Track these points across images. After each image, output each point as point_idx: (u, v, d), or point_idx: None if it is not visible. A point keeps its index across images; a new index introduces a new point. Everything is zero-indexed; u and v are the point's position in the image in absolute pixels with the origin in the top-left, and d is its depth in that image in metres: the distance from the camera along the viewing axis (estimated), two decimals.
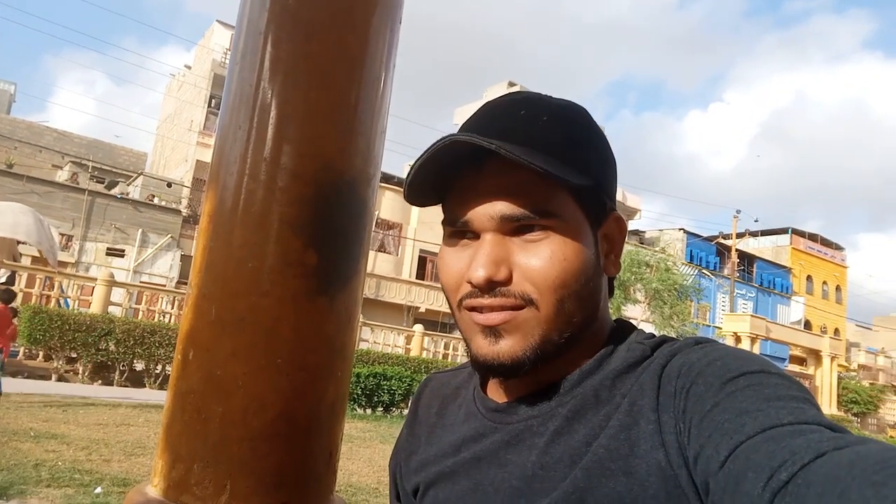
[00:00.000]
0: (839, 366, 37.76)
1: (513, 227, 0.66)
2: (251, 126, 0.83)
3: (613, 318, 0.76)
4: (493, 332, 0.66)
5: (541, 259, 0.65)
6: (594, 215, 0.69)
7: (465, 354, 0.71)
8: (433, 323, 27.04)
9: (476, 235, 0.68)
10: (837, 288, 47.93)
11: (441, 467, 0.74)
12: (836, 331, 45.49)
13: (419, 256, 28.63)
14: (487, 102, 0.73)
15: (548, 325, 0.65)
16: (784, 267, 44.36)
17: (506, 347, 0.65)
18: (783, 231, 46.68)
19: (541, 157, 0.63)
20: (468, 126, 0.71)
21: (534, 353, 0.65)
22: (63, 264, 19.79)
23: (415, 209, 28.21)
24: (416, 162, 0.67)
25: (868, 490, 0.40)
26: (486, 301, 0.65)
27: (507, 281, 0.65)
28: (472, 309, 0.67)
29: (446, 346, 21.19)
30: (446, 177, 0.71)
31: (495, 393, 0.75)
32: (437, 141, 0.64)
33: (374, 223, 0.92)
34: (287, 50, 0.85)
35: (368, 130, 0.88)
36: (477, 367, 0.69)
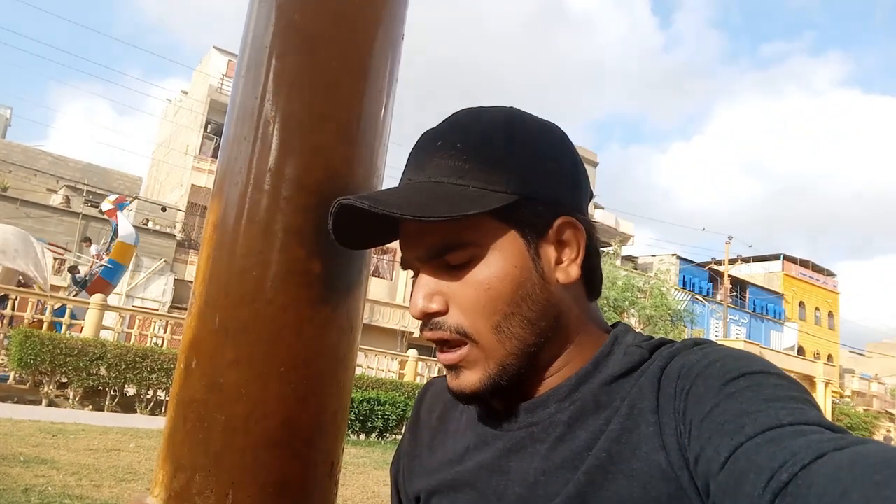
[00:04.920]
0: (833, 392, 37.68)
1: (439, 262, 0.68)
2: (256, 137, 0.84)
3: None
4: (454, 367, 0.69)
5: (466, 290, 0.67)
6: (530, 228, 0.68)
7: None
8: (427, 348, 26.88)
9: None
10: (830, 314, 48.04)
11: (444, 476, 0.74)
12: (830, 357, 45.50)
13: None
14: (426, 130, 0.73)
15: (496, 354, 0.67)
16: (776, 293, 44.48)
17: (465, 382, 0.68)
18: (775, 257, 46.88)
19: (437, 197, 0.64)
20: (408, 158, 0.73)
21: (492, 382, 0.67)
22: (55, 288, 19.67)
23: None
24: (329, 228, 0.69)
25: (869, 490, 0.40)
26: (427, 333, 0.69)
27: (443, 311, 0.68)
28: (431, 341, 0.70)
29: (440, 372, 21.03)
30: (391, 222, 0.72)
31: (496, 400, 0.76)
32: (332, 205, 0.66)
33: None
34: (292, 62, 0.86)
35: (372, 142, 0.89)
36: (450, 395, 0.71)
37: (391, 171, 0.93)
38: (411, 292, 0.73)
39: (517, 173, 0.68)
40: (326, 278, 0.82)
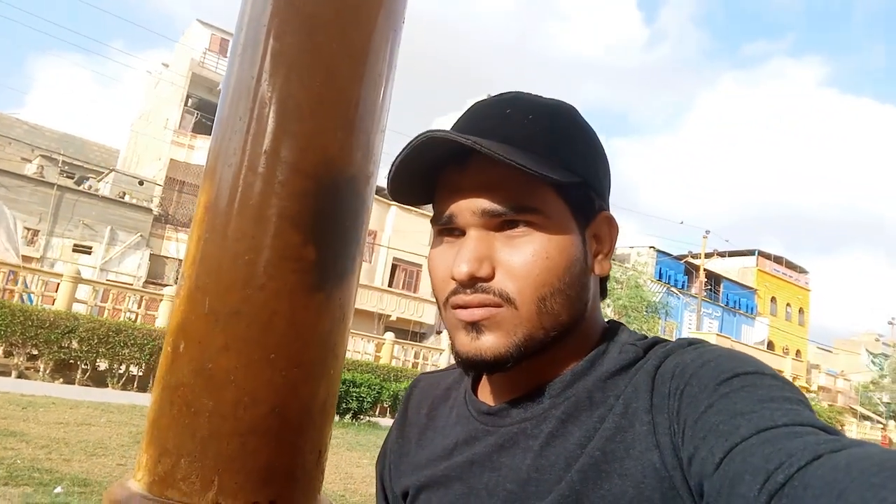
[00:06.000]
0: (801, 387, 38.39)
1: (496, 223, 0.66)
2: (251, 118, 0.82)
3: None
4: (475, 327, 0.65)
5: (523, 255, 0.65)
6: (581, 213, 0.69)
7: (436, 363, 0.70)
8: (404, 331, 26.95)
9: (462, 233, 0.68)
10: (800, 310, 48.84)
11: (433, 471, 0.73)
12: (798, 352, 46.34)
13: (392, 264, 28.56)
14: (476, 102, 0.73)
15: (530, 323, 0.65)
16: (750, 288, 45.10)
17: (488, 343, 0.65)
18: (750, 253, 47.49)
19: (521, 154, 0.63)
20: (457, 125, 0.72)
21: (517, 349, 0.65)
22: (28, 259, 19.35)
23: (390, 217, 28.17)
24: (396, 158, 0.67)
25: (867, 492, 0.40)
26: (467, 297, 0.65)
27: (490, 277, 0.65)
28: (457, 307, 0.66)
29: (416, 356, 21.13)
30: (432, 176, 0.71)
31: (486, 395, 0.75)
32: (416, 137, 0.64)
33: (370, 222, 0.91)
34: (290, 43, 0.84)
35: (369, 128, 0.87)
36: (460, 363, 0.68)
37: (387, 158, 0.91)
38: (435, 255, 0.70)
39: (581, 157, 0.69)
40: (321, 265, 0.80)
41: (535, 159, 0.64)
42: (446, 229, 0.70)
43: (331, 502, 0.87)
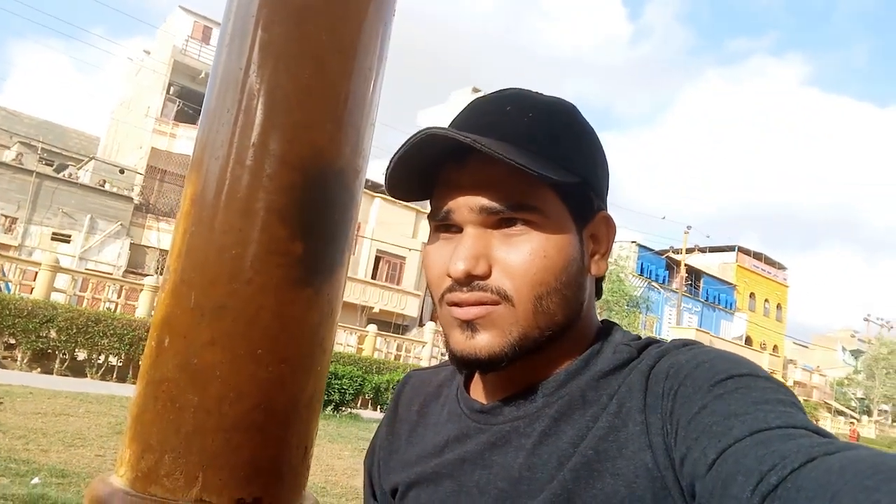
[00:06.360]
0: None
1: (494, 221, 0.66)
2: (239, 109, 0.81)
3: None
4: (470, 326, 0.65)
5: (520, 254, 0.64)
6: (580, 213, 0.69)
7: (419, 356, 0.70)
8: (386, 324, 26.92)
9: (459, 230, 0.67)
10: (778, 306, 49.41)
11: (423, 468, 0.73)
12: (775, 347, 46.92)
13: (375, 256, 28.49)
14: (476, 98, 0.73)
15: (526, 322, 0.64)
16: (729, 283, 45.54)
17: (482, 342, 0.65)
18: (730, 248, 47.95)
19: (521, 153, 0.63)
20: (456, 121, 0.71)
21: (511, 349, 0.64)
22: (5, 247, 19.08)
23: (373, 209, 28.07)
24: (394, 155, 0.66)
25: (860, 495, 0.40)
26: (464, 295, 0.65)
27: (486, 275, 0.65)
28: (452, 304, 0.66)
29: (399, 348, 21.13)
30: (431, 173, 0.70)
31: (479, 393, 0.74)
32: (415, 134, 0.64)
33: (358, 217, 0.91)
34: (279, 34, 0.83)
35: (359, 121, 0.86)
36: (454, 361, 0.68)
37: (377, 152, 0.91)
38: (431, 251, 0.70)
39: (581, 157, 0.69)
40: (309, 260, 0.79)
41: (534, 158, 0.63)
42: (443, 225, 0.69)
43: (315, 498, 0.86)
